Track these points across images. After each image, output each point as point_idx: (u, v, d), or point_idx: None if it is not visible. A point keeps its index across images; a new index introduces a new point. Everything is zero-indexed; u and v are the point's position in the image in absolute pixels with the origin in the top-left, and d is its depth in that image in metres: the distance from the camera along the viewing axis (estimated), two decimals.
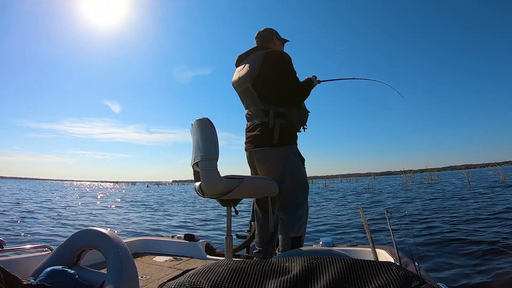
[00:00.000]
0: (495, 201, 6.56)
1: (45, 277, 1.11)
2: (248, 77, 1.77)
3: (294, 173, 1.73)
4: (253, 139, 1.79)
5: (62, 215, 7.70)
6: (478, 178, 17.95)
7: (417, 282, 0.43)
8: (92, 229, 1.30)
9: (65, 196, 16.19)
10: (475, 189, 9.92)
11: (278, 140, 1.69)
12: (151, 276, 1.79)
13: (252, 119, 1.83)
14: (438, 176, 21.58)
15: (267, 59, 1.74)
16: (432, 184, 15.70)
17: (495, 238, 3.39)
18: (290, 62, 1.78)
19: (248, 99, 1.85)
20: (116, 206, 10.91)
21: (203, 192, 1.55)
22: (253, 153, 1.79)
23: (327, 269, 0.48)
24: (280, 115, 1.72)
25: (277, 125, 1.70)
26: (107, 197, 16.60)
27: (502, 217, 4.70)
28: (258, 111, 1.77)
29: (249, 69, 1.77)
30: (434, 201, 7.53)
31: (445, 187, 12.48)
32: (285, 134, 1.72)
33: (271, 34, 1.97)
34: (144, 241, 2.50)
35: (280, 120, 1.71)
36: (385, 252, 1.78)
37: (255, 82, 1.75)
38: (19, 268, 1.34)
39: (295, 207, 1.69)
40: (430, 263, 2.80)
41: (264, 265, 0.50)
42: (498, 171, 16.48)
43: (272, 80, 1.73)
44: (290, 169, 1.72)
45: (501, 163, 24.97)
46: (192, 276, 0.47)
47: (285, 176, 1.70)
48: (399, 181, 21.88)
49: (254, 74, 1.74)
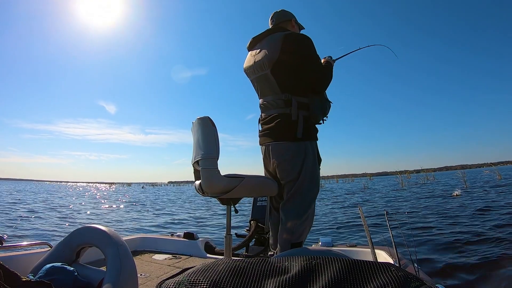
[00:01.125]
0: (494, 200, 6.56)
1: (45, 274, 1.11)
2: (267, 62, 1.57)
3: (310, 173, 1.56)
4: (270, 131, 1.61)
5: (61, 214, 7.71)
6: (474, 178, 17.97)
7: (416, 283, 0.43)
8: (92, 227, 1.30)
9: (62, 197, 16.26)
10: (473, 189, 9.92)
11: (302, 135, 1.53)
12: (150, 274, 1.79)
13: (269, 109, 1.64)
14: (434, 177, 21.63)
15: (287, 42, 1.54)
16: (426, 184, 15.77)
17: (495, 238, 3.39)
18: (313, 46, 1.59)
19: (264, 87, 1.66)
20: (114, 206, 10.94)
21: (203, 190, 1.55)
22: (270, 147, 1.62)
23: (326, 269, 0.48)
24: (303, 106, 1.55)
25: (300, 117, 1.53)
26: (104, 197, 16.61)
27: (502, 217, 4.70)
28: (277, 100, 1.59)
29: (267, 53, 1.57)
30: (433, 202, 7.53)
31: (439, 187, 12.51)
32: (308, 128, 1.56)
33: (290, 16, 1.76)
34: (144, 239, 2.50)
35: (303, 112, 1.54)
36: (384, 253, 1.78)
37: (275, 68, 1.56)
38: (18, 265, 1.34)
39: (301, 210, 1.54)
40: (429, 264, 2.80)
41: (263, 265, 0.50)
42: (494, 171, 16.58)
43: (295, 67, 1.54)
44: (307, 168, 1.55)
45: (496, 163, 25.14)
46: (191, 274, 0.47)
47: (300, 175, 1.54)
48: (395, 181, 21.88)
49: (274, 59, 1.55)
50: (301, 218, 1.54)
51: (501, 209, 5.40)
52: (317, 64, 1.60)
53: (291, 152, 1.55)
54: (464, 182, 12.62)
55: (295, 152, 1.55)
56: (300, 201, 1.55)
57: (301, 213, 1.54)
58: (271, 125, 1.60)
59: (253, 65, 1.68)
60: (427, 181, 18.69)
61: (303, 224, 1.54)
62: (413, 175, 27.55)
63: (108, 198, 15.76)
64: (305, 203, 1.55)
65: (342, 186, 23.47)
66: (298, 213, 1.54)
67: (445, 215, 5.42)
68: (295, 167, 1.55)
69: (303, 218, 1.54)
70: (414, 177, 25.21)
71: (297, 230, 1.53)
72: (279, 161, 1.59)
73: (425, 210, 6.19)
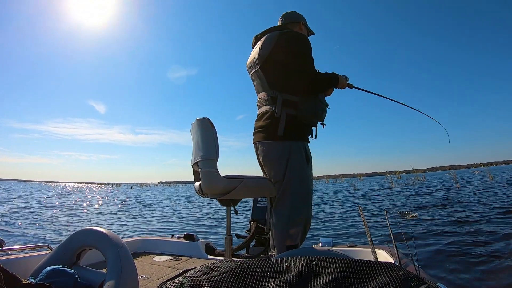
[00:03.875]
0: (491, 200, 6.56)
1: (45, 277, 1.11)
2: (258, 59, 1.58)
3: (298, 174, 1.50)
4: (258, 130, 1.59)
5: (57, 215, 7.71)
6: (466, 178, 17.97)
7: (416, 282, 0.43)
8: (92, 229, 1.30)
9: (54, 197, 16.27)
10: (469, 190, 9.94)
11: (284, 133, 1.48)
12: (151, 276, 1.79)
13: (260, 107, 1.63)
14: (424, 177, 21.69)
15: (281, 39, 1.52)
16: (418, 184, 15.81)
17: (494, 238, 3.39)
18: (307, 45, 1.54)
19: (257, 84, 1.66)
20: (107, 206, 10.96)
21: (203, 192, 1.55)
22: (258, 146, 1.60)
23: (327, 269, 0.48)
24: (289, 104, 1.50)
25: (283, 115, 1.48)
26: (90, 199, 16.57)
27: (501, 216, 4.70)
28: (266, 98, 1.57)
29: (260, 50, 1.56)
30: (431, 202, 7.54)
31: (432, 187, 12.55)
32: (292, 127, 1.50)
33: (299, 18, 1.71)
34: (144, 241, 2.50)
35: (288, 110, 1.49)
36: (385, 252, 1.78)
37: (264, 65, 1.55)
38: (18, 268, 1.34)
39: (292, 212, 1.48)
40: (430, 264, 2.80)
41: (263, 265, 0.50)
42: (485, 171, 16.61)
43: (284, 63, 1.51)
44: (292, 168, 1.49)
45: (486, 164, 25.37)
46: (191, 276, 0.47)
47: (286, 176, 1.49)
48: (385, 181, 21.88)
49: (264, 55, 1.54)
50: (293, 221, 1.47)
51: (502, 209, 5.41)
52: (305, 61, 1.53)
53: (275, 151, 1.52)
54: (455, 182, 12.69)
55: (279, 151, 1.50)
56: (289, 203, 1.49)
57: (292, 216, 1.47)
58: (260, 123, 1.59)
59: (249, 62, 1.69)
60: (417, 181, 18.67)
61: (294, 227, 1.47)
62: (404, 175, 27.50)
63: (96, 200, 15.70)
64: (296, 205, 1.48)
65: (332, 187, 23.61)
66: (289, 216, 1.48)
67: (445, 214, 5.42)
68: (280, 167, 1.51)
69: (296, 221, 1.47)
70: (405, 177, 25.17)
71: (289, 233, 1.47)
72: (264, 160, 1.57)
73: (425, 210, 6.19)
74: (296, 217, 1.48)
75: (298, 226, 1.48)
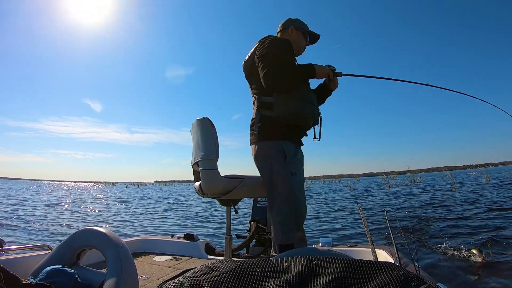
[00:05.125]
0: (491, 201, 6.57)
1: (45, 277, 1.11)
2: (244, 68, 1.68)
3: (281, 175, 1.48)
4: (250, 134, 1.64)
5: (54, 215, 7.72)
6: (462, 179, 17.91)
7: (416, 282, 0.43)
8: (92, 229, 1.30)
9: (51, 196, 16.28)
10: (469, 190, 9.94)
11: (261, 134, 1.52)
12: (151, 275, 1.79)
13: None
14: (420, 178, 21.61)
15: (259, 45, 1.56)
16: (414, 185, 15.80)
17: (494, 238, 3.39)
18: (277, 44, 1.52)
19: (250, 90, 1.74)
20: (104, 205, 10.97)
21: (203, 191, 1.55)
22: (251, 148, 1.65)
23: (327, 269, 0.48)
24: (265, 105, 1.52)
25: (258, 117, 1.53)
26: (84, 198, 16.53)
27: (502, 216, 4.71)
28: (253, 102, 1.63)
29: (247, 59, 1.65)
30: (429, 202, 7.55)
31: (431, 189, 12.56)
32: (268, 127, 1.51)
33: (288, 23, 1.73)
34: (144, 241, 2.50)
35: (264, 111, 1.52)
36: (385, 252, 1.78)
37: (248, 71, 1.64)
38: (18, 268, 1.34)
39: (283, 212, 1.47)
40: (430, 263, 2.80)
41: (263, 265, 0.50)
42: (482, 173, 16.54)
43: (256, 68, 1.54)
44: (274, 168, 1.49)
45: (482, 165, 25.12)
46: (191, 276, 0.47)
47: (271, 177, 1.50)
48: (381, 182, 21.83)
49: (247, 65, 1.62)
50: (285, 221, 1.46)
51: (503, 209, 5.41)
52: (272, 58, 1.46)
53: (258, 153, 1.54)
54: (453, 183, 12.67)
55: (261, 152, 1.53)
56: (278, 203, 1.48)
57: (284, 215, 1.47)
58: (250, 127, 1.62)
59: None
60: (413, 182, 18.61)
61: (282, 226, 1.46)
62: (400, 176, 27.31)
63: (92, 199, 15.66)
64: (284, 205, 1.47)
65: (329, 187, 23.64)
66: (277, 215, 1.48)
67: (445, 214, 5.43)
68: (265, 168, 1.53)
69: (286, 221, 1.46)
70: (401, 178, 25.01)
71: (282, 233, 1.46)
72: (255, 162, 1.60)
73: (424, 210, 6.20)
74: (278, 216, 1.47)
75: (283, 226, 1.46)
